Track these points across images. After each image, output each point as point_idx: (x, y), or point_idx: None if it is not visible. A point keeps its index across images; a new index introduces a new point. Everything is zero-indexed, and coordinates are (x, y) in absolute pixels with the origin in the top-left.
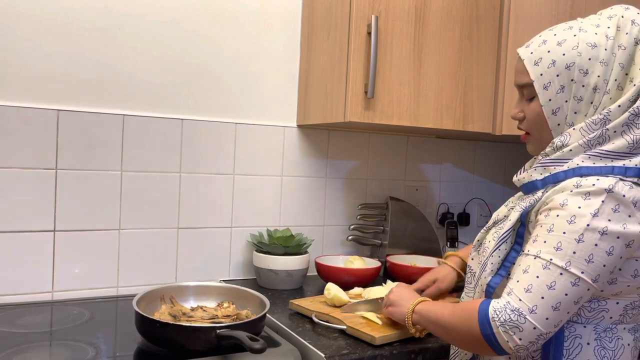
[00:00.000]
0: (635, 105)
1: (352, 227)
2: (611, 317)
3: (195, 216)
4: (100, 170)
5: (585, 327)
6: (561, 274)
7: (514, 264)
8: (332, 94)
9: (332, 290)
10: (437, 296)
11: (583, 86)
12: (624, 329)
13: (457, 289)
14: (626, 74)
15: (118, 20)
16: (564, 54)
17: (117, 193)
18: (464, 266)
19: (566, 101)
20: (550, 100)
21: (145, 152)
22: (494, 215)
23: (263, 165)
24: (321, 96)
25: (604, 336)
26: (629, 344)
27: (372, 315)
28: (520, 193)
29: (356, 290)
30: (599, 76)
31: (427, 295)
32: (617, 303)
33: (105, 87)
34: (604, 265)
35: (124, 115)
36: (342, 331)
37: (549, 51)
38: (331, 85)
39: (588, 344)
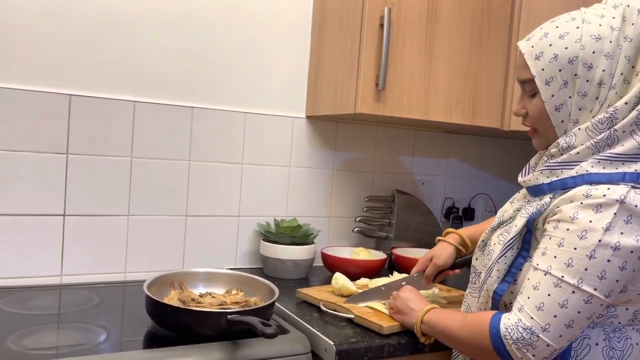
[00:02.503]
0: None
1: (358, 219)
2: (620, 322)
3: (203, 204)
4: (111, 156)
5: (593, 328)
6: (573, 292)
7: (520, 270)
8: (343, 85)
9: (340, 280)
10: (437, 274)
11: (587, 81)
12: (633, 329)
13: (456, 266)
14: (633, 67)
15: (131, 7)
16: (566, 48)
17: (127, 179)
18: (463, 242)
19: (570, 97)
20: (552, 96)
21: (155, 139)
22: (499, 214)
23: (271, 155)
24: (331, 87)
25: (612, 336)
26: (637, 343)
27: (379, 305)
28: (525, 191)
29: (363, 280)
30: (604, 70)
31: (427, 275)
32: (627, 309)
33: (117, 73)
34: (617, 281)
35: (135, 101)
36: (349, 320)
37: (550, 44)
38: (342, 77)
39: (597, 344)
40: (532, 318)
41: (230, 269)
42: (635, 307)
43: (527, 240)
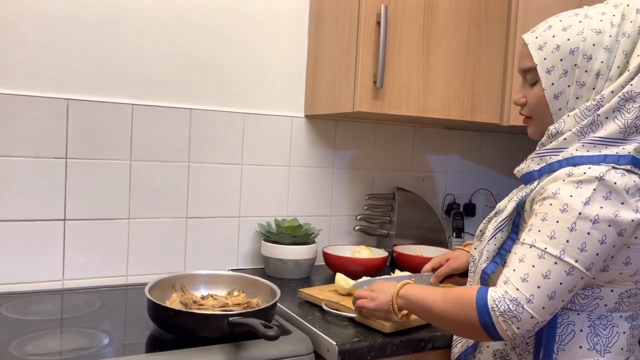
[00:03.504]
0: (624, 90)
1: (359, 217)
2: (606, 305)
3: (204, 206)
4: (110, 160)
5: (579, 314)
6: (556, 263)
7: (509, 252)
8: (341, 83)
9: (350, 281)
10: (448, 276)
11: (586, 71)
12: (620, 316)
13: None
14: (627, 62)
15: (128, 10)
16: (568, 39)
17: (126, 182)
18: None
19: (568, 86)
20: (552, 84)
21: (154, 142)
22: (497, 207)
23: (271, 155)
24: (329, 86)
25: (597, 323)
26: (624, 332)
27: None
28: (522, 185)
29: (364, 279)
30: (602, 62)
31: (439, 274)
32: (612, 291)
33: (114, 76)
34: (597, 254)
35: (133, 104)
36: (351, 319)
37: (553, 36)
38: (340, 75)
39: (581, 330)
40: (517, 289)
41: (232, 269)
42: (621, 290)
43: (516, 224)
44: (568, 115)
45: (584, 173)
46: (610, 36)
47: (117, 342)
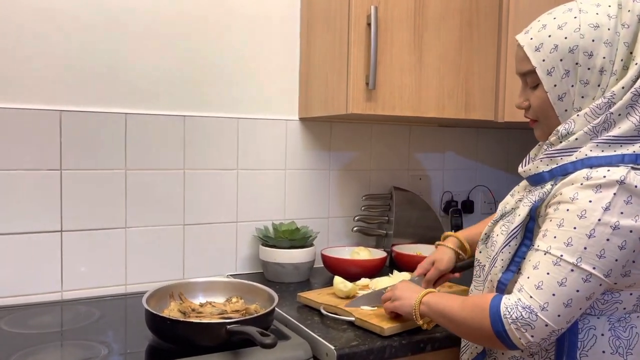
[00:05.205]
0: (636, 85)
1: (356, 218)
2: (625, 308)
3: (201, 212)
4: (105, 170)
5: (598, 318)
6: (572, 270)
7: (524, 259)
8: (334, 86)
9: (348, 283)
10: (438, 278)
11: (589, 69)
12: (637, 317)
13: (457, 269)
14: (631, 53)
15: (119, 19)
16: (566, 38)
17: (122, 191)
18: (462, 246)
19: (572, 86)
20: (555, 86)
21: (148, 150)
22: (501, 207)
23: (266, 159)
24: (322, 88)
25: (617, 326)
26: None
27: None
28: (526, 183)
29: (363, 281)
30: (604, 57)
31: (428, 279)
32: (631, 294)
33: (106, 86)
34: (616, 260)
35: (126, 113)
36: (350, 323)
37: (549, 35)
38: (332, 77)
39: (602, 335)
40: (531, 297)
41: (231, 275)
42: (639, 292)
43: (529, 229)
44: (578, 115)
45: (604, 177)
46: (609, 29)
47: (115, 353)
